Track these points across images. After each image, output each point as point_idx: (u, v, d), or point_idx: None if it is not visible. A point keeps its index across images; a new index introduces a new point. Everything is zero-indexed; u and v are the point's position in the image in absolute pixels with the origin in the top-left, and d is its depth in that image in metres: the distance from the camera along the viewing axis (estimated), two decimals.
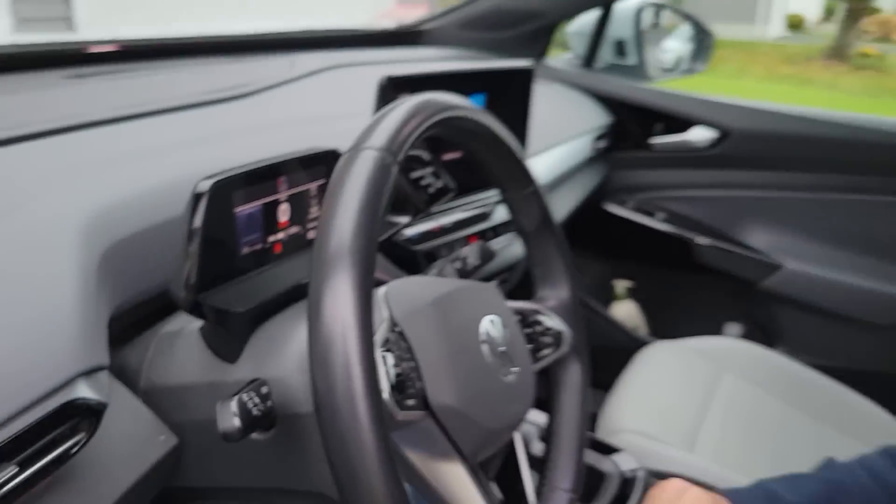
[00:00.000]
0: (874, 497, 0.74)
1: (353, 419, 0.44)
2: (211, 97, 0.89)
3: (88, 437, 0.53)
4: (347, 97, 1.07)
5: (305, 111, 0.98)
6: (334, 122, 0.94)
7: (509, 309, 0.66)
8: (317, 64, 1.16)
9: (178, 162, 0.72)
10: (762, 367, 1.42)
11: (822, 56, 13.06)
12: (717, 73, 10.77)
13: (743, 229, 1.79)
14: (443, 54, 1.61)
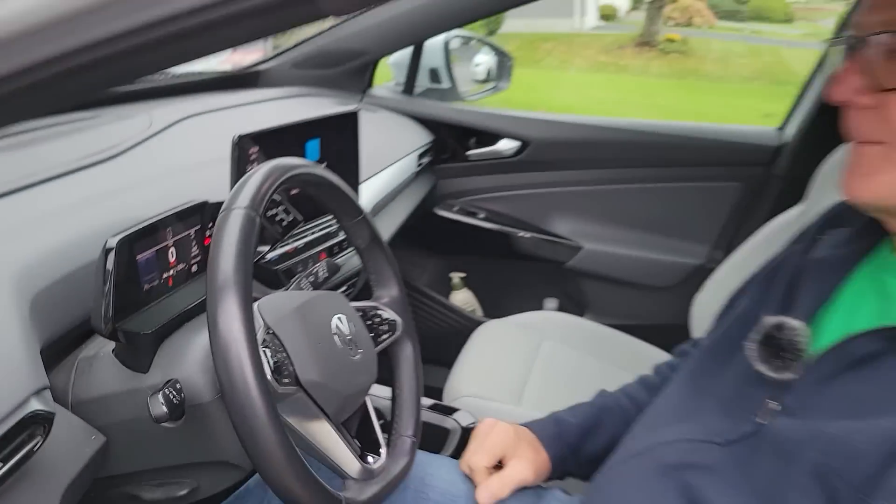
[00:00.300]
0: (627, 412, 1.02)
1: (248, 396, 0.66)
2: (88, 161, 1.04)
3: (44, 439, 0.71)
4: (203, 146, 1.25)
5: (170, 163, 1.15)
6: (197, 172, 1.13)
7: (353, 308, 0.89)
8: (170, 117, 1.33)
9: (76, 221, 0.89)
10: (574, 331, 1.71)
11: (633, 44, 13.91)
12: (543, 67, 11.22)
13: (549, 220, 2.10)
14: (279, 93, 1.79)
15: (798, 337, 0.72)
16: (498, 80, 2.26)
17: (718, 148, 1.93)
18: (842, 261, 0.77)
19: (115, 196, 0.98)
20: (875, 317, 0.69)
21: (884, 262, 0.74)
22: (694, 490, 0.73)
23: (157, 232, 0.84)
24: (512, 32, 13.03)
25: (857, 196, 0.69)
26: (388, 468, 0.85)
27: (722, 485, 0.71)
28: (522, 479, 0.93)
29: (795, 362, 0.72)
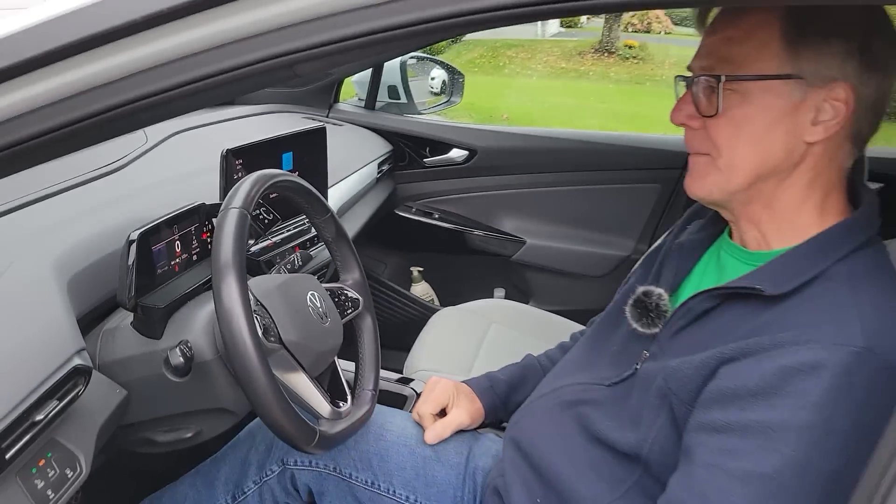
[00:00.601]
0: (546, 369, 1.25)
1: (246, 349, 0.86)
2: (100, 172, 1.26)
3: (84, 387, 0.92)
4: (192, 158, 1.47)
5: (167, 173, 1.37)
6: (190, 180, 1.35)
7: (323, 288, 1.12)
8: (162, 133, 1.54)
9: (97, 221, 1.11)
10: (519, 316, 1.91)
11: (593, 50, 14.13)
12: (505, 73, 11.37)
13: (496, 219, 2.33)
14: (254, 110, 2.01)
15: (660, 300, 0.96)
16: (450, 95, 2.49)
17: (640, 154, 2.19)
18: (696, 244, 1.02)
19: (127, 200, 1.20)
20: (713, 282, 0.93)
21: (723, 242, 0.99)
22: (584, 419, 0.97)
23: (166, 228, 1.06)
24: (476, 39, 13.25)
25: (693, 193, 0.93)
26: (353, 412, 1.08)
27: (605, 414, 0.96)
28: (460, 423, 1.16)
29: (659, 320, 0.96)
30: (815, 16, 0.80)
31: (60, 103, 0.63)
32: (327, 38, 0.63)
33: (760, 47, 0.82)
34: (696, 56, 0.89)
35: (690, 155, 0.92)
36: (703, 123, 0.87)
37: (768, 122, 0.83)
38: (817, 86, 0.81)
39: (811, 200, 0.87)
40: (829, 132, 0.82)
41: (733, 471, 0.75)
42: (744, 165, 0.85)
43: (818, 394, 0.72)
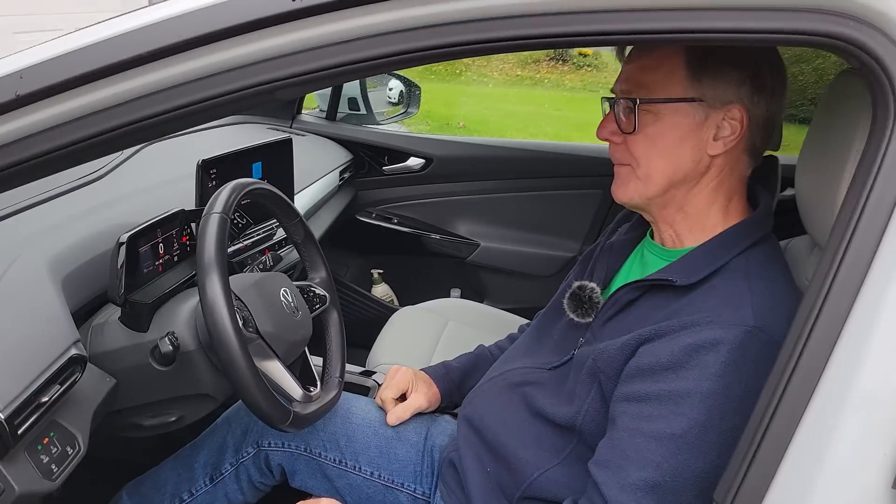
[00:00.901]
0: (496, 357, 1.39)
1: (228, 337, 0.98)
2: (82, 181, 1.36)
3: (81, 374, 1.02)
4: (166, 168, 1.57)
5: (144, 181, 1.47)
6: (166, 187, 1.46)
7: (294, 285, 1.24)
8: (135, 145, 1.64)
9: (85, 226, 1.21)
10: (473, 314, 2.03)
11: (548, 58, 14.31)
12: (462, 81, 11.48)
13: (452, 223, 2.46)
14: (221, 122, 2.11)
15: (593, 293, 1.11)
16: (408, 106, 2.61)
17: (585, 163, 2.34)
18: (625, 244, 1.17)
19: (110, 207, 1.30)
20: (637, 276, 1.08)
21: (646, 242, 1.14)
22: (528, 397, 1.11)
23: (151, 231, 1.17)
24: None
25: (618, 198, 1.08)
26: (322, 396, 1.20)
27: (546, 392, 1.09)
28: (419, 406, 1.29)
29: (593, 311, 1.10)
30: (712, 49, 0.96)
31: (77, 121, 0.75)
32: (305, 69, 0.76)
33: (668, 75, 0.97)
34: (617, 81, 1.05)
35: (615, 165, 1.06)
36: (624, 139, 1.02)
37: (677, 137, 0.98)
38: (717, 107, 0.97)
39: (717, 204, 1.03)
40: (728, 146, 0.98)
41: (649, 433, 0.90)
42: (658, 174, 1.00)
43: (718, 366, 0.87)
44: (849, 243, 0.72)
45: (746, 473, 0.75)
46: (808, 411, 0.72)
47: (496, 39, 0.74)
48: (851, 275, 0.72)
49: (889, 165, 0.71)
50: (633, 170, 1.02)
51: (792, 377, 0.74)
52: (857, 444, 0.70)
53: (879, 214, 0.71)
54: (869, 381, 0.70)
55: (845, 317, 0.72)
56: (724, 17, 0.70)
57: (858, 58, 0.71)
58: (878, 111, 0.73)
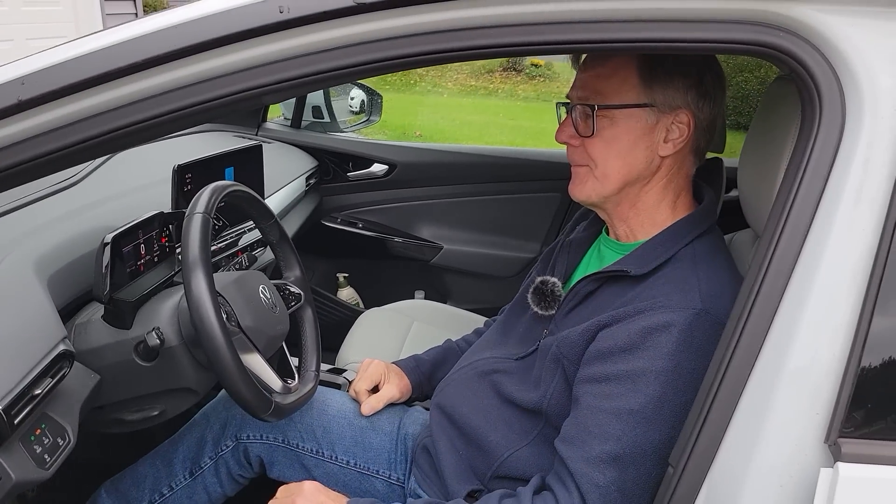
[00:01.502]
0: (464, 350, 1.46)
1: (214, 330, 1.02)
2: (59, 186, 1.39)
3: (69, 369, 1.06)
4: (140, 173, 1.61)
5: (120, 186, 1.51)
6: (142, 192, 1.50)
7: (271, 283, 1.30)
8: None
9: (68, 227, 1.25)
10: (438, 314, 2.09)
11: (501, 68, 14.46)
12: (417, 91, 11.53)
13: (415, 227, 2.52)
14: (190, 130, 2.14)
15: (555, 287, 1.18)
16: (369, 114, 2.67)
17: (542, 167, 2.43)
18: (583, 240, 1.25)
19: (90, 209, 1.34)
20: (595, 269, 1.16)
21: (602, 238, 1.23)
22: (497, 384, 1.18)
23: (133, 233, 1.21)
24: None
25: (576, 197, 1.15)
26: (300, 388, 1.26)
27: (514, 380, 1.16)
28: (391, 397, 1.35)
29: (555, 303, 1.18)
30: (661, 58, 1.05)
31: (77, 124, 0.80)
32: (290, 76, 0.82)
33: (623, 82, 1.06)
34: (573, 88, 1.13)
35: (572, 166, 1.15)
36: (582, 142, 1.10)
37: (631, 140, 1.07)
38: (666, 112, 1.06)
39: (666, 200, 1.12)
40: (676, 148, 1.07)
41: (609, 409, 0.98)
42: (614, 174, 1.09)
43: (670, 346, 0.96)
44: (781, 232, 0.81)
45: (697, 438, 0.84)
46: (750, 381, 0.82)
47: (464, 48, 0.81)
48: (784, 260, 0.81)
49: (815, 160, 0.80)
50: (590, 170, 1.10)
51: (735, 351, 0.83)
52: (793, 407, 0.79)
53: (808, 205, 0.81)
54: (801, 354, 0.79)
55: (780, 297, 0.81)
56: (668, 28, 0.79)
57: (788, 64, 0.80)
58: (806, 112, 0.83)
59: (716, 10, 0.79)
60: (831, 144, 0.80)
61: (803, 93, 0.82)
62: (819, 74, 0.80)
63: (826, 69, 0.79)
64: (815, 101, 0.80)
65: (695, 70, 1.06)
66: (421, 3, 0.79)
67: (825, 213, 0.79)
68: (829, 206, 0.79)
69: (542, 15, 0.79)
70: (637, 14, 0.78)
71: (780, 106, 1.02)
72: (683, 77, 1.05)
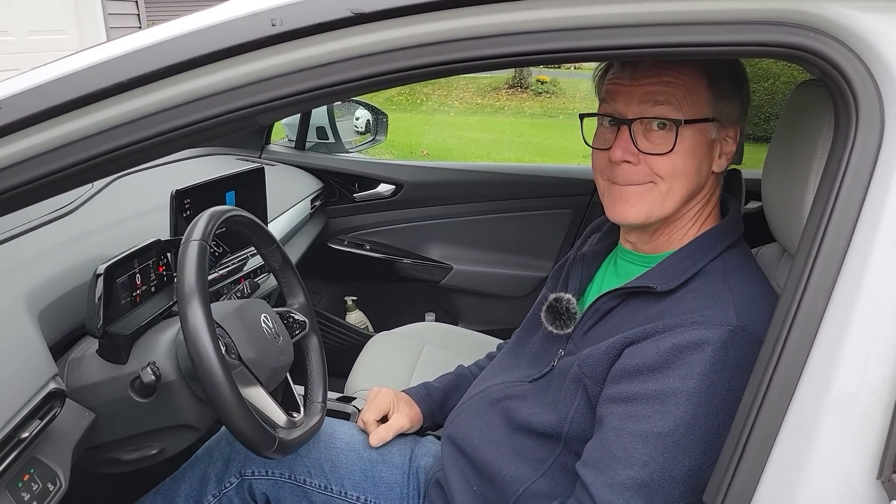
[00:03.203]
0: (475, 374, 1.40)
1: (212, 365, 0.97)
2: (55, 215, 1.35)
3: (60, 409, 1.01)
4: (139, 200, 1.56)
5: (117, 213, 1.46)
6: (140, 219, 1.45)
7: (274, 311, 1.24)
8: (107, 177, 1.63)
9: (61, 258, 1.20)
10: (449, 337, 2.04)
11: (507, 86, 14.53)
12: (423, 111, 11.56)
13: (424, 247, 2.48)
14: (191, 153, 2.10)
15: (570, 304, 1.12)
16: (375, 133, 2.63)
17: (554, 183, 2.38)
18: (597, 253, 1.19)
19: (84, 239, 1.29)
20: (614, 284, 1.10)
21: (619, 250, 1.16)
22: (510, 411, 1.12)
23: (127, 262, 1.16)
24: None
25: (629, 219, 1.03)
26: (306, 422, 1.19)
27: (529, 403, 1.10)
28: (402, 427, 1.29)
29: (571, 321, 1.12)
30: (726, 66, 1.00)
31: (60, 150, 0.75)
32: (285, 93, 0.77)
33: (691, 92, 0.99)
34: (625, 101, 1.01)
35: (624, 185, 1.03)
36: (642, 159, 1.01)
37: (700, 156, 1.01)
38: (725, 126, 1.02)
39: (701, 215, 1.06)
40: (728, 163, 1.03)
41: (635, 432, 0.92)
42: (680, 191, 1.01)
43: (703, 365, 0.90)
44: (819, 247, 0.75)
45: (735, 474, 0.77)
46: (790, 411, 0.75)
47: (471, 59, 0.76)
48: (824, 277, 0.75)
49: (854, 169, 0.74)
50: (653, 187, 1.01)
51: (773, 379, 0.76)
52: (839, 439, 0.72)
53: (847, 218, 0.74)
54: (846, 379, 0.72)
55: (820, 318, 0.74)
56: (690, 32, 0.74)
57: (819, 67, 0.74)
58: (840, 118, 0.77)
59: (740, 10, 0.73)
60: (870, 151, 0.73)
61: (836, 97, 0.77)
62: (854, 76, 0.74)
63: (861, 70, 0.73)
64: (851, 106, 0.74)
65: (745, 82, 1.03)
66: (424, 12, 0.74)
67: (867, 225, 0.73)
68: (870, 218, 0.73)
69: (556, 21, 0.74)
70: (656, 17, 0.73)
71: (806, 112, 0.96)
72: (739, 89, 1.02)
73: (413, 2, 0.73)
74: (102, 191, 1.57)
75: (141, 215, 1.47)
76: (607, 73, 1.06)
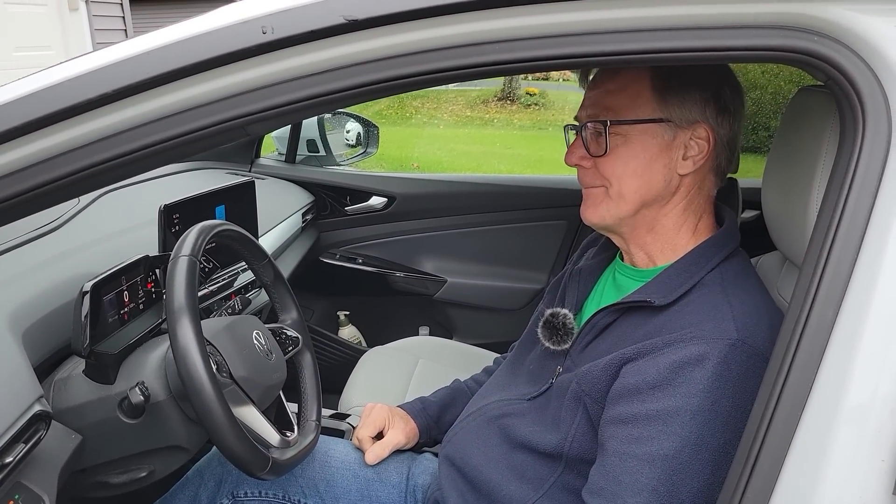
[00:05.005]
0: (473, 391, 1.37)
1: (203, 384, 0.94)
2: (40, 231, 1.31)
3: (45, 431, 0.97)
4: (126, 215, 1.53)
5: (105, 229, 1.43)
6: (127, 235, 1.42)
7: (266, 327, 1.21)
8: (94, 192, 1.60)
9: (46, 276, 1.17)
10: (443, 351, 2.02)
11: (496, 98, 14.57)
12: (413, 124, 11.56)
13: (417, 260, 2.45)
14: (179, 167, 2.07)
15: (566, 319, 1.10)
16: (366, 146, 2.62)
17: (547, 194, 2.37)
18: (593, 268, 1.17)
19: (70, 256, 1.26)
20: (612, 299, 1.08)
21: (617, 265, 1.14)
22: (508, 429, 1.09)
23: (115, 279, 1.13)
24: None
25: (589, 220, 1.07)
26: (300, 441, 1.16)
27: (528, 422, 1.08)
28: (397, 443, 1.26)
29: (568, 337, 1.09)
30: (676, 70, 0.98)
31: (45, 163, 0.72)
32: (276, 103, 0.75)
33: (635, 97, 0.99)
34: (582, 107, 1.06)
35: (584, 189, 1.07)
36: (594, 162, 1.03)
37: (648, 157, 0.99)
38: (684, 127, 0.99)
39: (687, 223, 1.04)
40: (696, 165, 1.00)
41: (640, 455, 0.89)
42: (631, 194, 1.01)
43: (705, 381, 0.87)
44: (828, 257, 0.73)
45: (744, 493, 0.75)
46: (801, 426, 0.72)
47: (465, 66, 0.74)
48: (833, 286, 0.72)
49: (861, 176, 0.72)
50: (605, 190, 1.03)
51: (782, 393, 0.74)
52: (853, 454, 0.70)
53: (856, 226, 0.72)
54: (859, 392, 0.70)
55: (830, 329, 0.72)
56: (694, 37, 0.72)
57: (825, 72, 0.73)
58: (846, 124, 0.75)
59: (744, 15, 0.71)
60: (878, 157, 0.72)
61: (842, 102, 0.75)
62: (860, 81, 0.72)
63: (868, 75, 0.72)
64: (857, 111, 0.73)
65: (712, 82, 0.99)
66: (418, 19, 0.72)
67: (876, 232, 0.71)
68: (880, 224, 0.71)
69: (549, 28, 0.72)
70: (661, 22, 0.71)
71: (807, 119, 0.94)
72: (700, 90, 0.98)
73: (407, 8, 0.71)
74: (89, 206, 1.54)
75: (128, 231, 1.44)
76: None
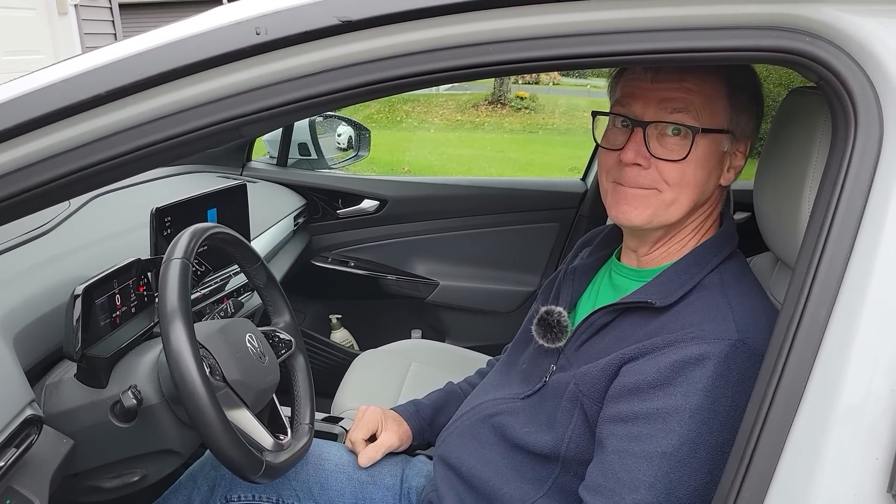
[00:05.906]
0: (467, 393, 1.36)
1: (196, 387, 0.93)
2: (31, 235, 1.30)
3: (37, 436, 0.97)
4: (117, 218, 1.53)
5: (96, 233, 1.42)
6: (119, 238, 1.41)
7: (259, 330, 1.20)
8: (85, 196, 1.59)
9: (36, 280, 1.16)
10: (436, 354, 2.02)
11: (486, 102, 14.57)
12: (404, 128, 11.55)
13: (409, 263, 2.45)
14: (170, 171, 2.07)
15: (561, 317, 1.10)
16: (358, 149, 2.62)
17: (539, 196, 2.37)
18: (588, 267, 1.17)
19: (61, 260, 1.25)
20: (609, 299, 1.08)
21: (613, 264, 1.14)
22: (503, 428, 1.09)
23: (107, 282, 1.12)
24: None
25: (631, 221, 1.00)
26: (293, 444, 1.16)
27: (522, 422, 1.07)
28: (390, 445, 1.26)
29: (562, 334, 1.09)
30: (748, 80, 0.98)
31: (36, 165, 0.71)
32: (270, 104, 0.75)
33: (710, 102, 0.96)
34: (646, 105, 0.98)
35: (630, 187, 1.00)
36: (653, 164, 0.98)
37: (710, 167, 0.99)
38: (737, 140, 1.00)
39: (701, 228, 1.05)
40: (736, 177, 1.02)
41: (639, 453, 0.89)
42: (686, 201, 0.99)
43: (705, 381, 0.88)
44: (821, 255, 0.73)
45: (739, 492, 0.75)
46: (796, 425, 0.73)
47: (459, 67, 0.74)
48: (826, 286, 0.73)
49: (853, 176, 0.73)
50: (658, 193, 0.99)
51: (776, 392, 0.74)
52: (847, 452, 0.70)
53: (849, 225, 0.73)
54: (853, 390, 0.70)
55: (824, 328, 0.73)
56: (687, 37, 0.72)
57: (816, 72, 0.73)
58: (838, 124, 0.75)
59: (736, 15, 0.72)
60: (870, 158, 0.72)
61: (834, 103, 0.75)
62: (852, 81, 0.72)
63: (859, 76, 0.72)
64: (849, 111, 0.73)
65: (760, 97, 1.01)
66: (413, 20, 0.72)
67: (869, 232, 0.71)
68: (872, 224, 0.71)
69: (549, 28, 0.72)
70: (652, 23, 0.71)
71: (799, 119, 0.95)
72: (757, 106, 1.00)
73: (401, 9, 0.71)
74: (80, 209, 1.53)
75: (120, 234, 1.44)
76: (623, 75, 1.03)
